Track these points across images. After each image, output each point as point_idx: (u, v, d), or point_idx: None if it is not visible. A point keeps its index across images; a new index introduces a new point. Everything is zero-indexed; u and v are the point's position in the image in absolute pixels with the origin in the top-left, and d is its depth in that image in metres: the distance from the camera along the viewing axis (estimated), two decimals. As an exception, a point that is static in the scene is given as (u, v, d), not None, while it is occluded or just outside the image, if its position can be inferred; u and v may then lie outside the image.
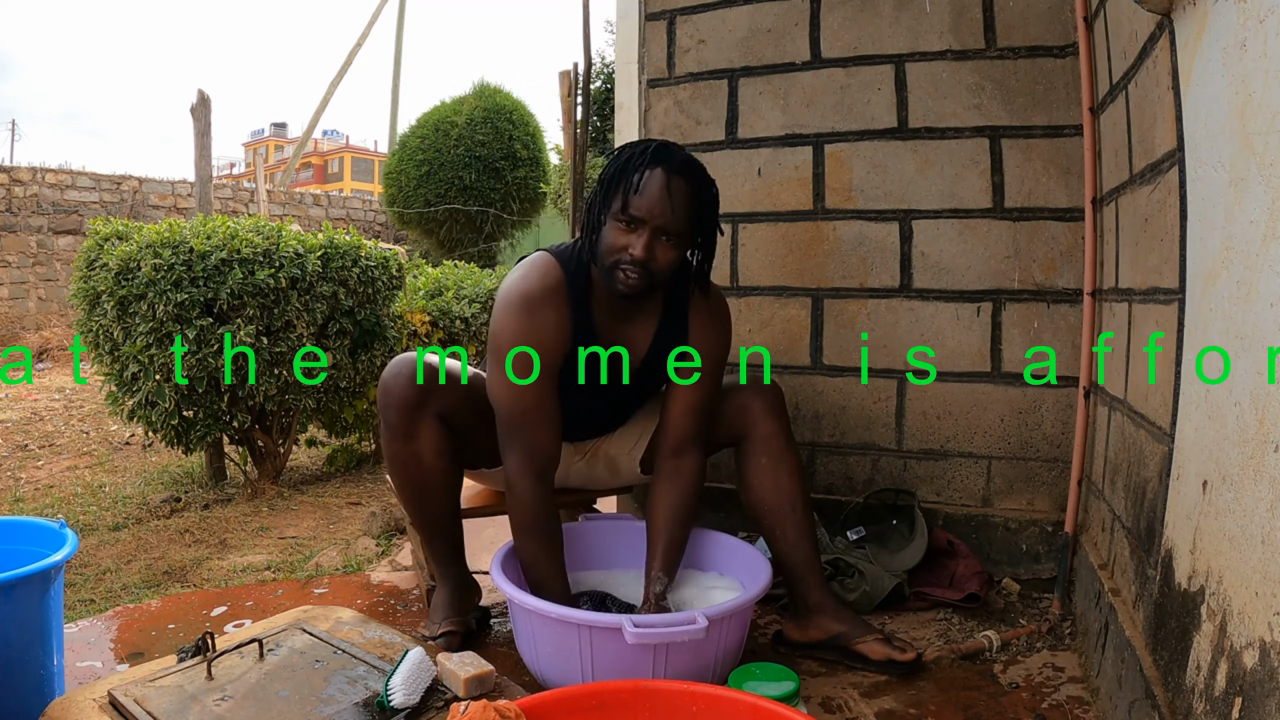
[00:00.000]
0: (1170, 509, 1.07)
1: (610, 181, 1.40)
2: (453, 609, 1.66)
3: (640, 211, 1.36)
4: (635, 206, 1.37)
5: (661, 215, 1.36)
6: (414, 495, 1.60)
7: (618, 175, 1.39)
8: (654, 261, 1.39)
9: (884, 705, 1.43)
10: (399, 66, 14.61)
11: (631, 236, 1.38)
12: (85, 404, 5.20)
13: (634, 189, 1.37)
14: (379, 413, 1.57)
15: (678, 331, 1.56)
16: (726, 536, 1.69)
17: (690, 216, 1.40)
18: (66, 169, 8.97)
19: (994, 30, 1.94)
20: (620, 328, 1.54)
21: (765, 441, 1.61)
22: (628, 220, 1.38)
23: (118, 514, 2.82)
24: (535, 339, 1.45)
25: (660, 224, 1.37)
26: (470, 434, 1.60)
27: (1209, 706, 0.85)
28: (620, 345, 1.55)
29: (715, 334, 1.57)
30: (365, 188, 35.88)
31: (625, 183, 1.38)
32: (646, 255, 1.37)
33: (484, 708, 0.96)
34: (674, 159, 1.39)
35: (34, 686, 1.32)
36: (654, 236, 1.38)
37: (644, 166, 1.37)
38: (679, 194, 1.37)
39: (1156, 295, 1.23)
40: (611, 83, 6.13)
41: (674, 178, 1.37)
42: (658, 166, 1.37)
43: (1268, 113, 0.79)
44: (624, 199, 1.37)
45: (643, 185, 1.36)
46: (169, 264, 2.60)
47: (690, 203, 1.39)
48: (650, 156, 1.38)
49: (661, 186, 1.36)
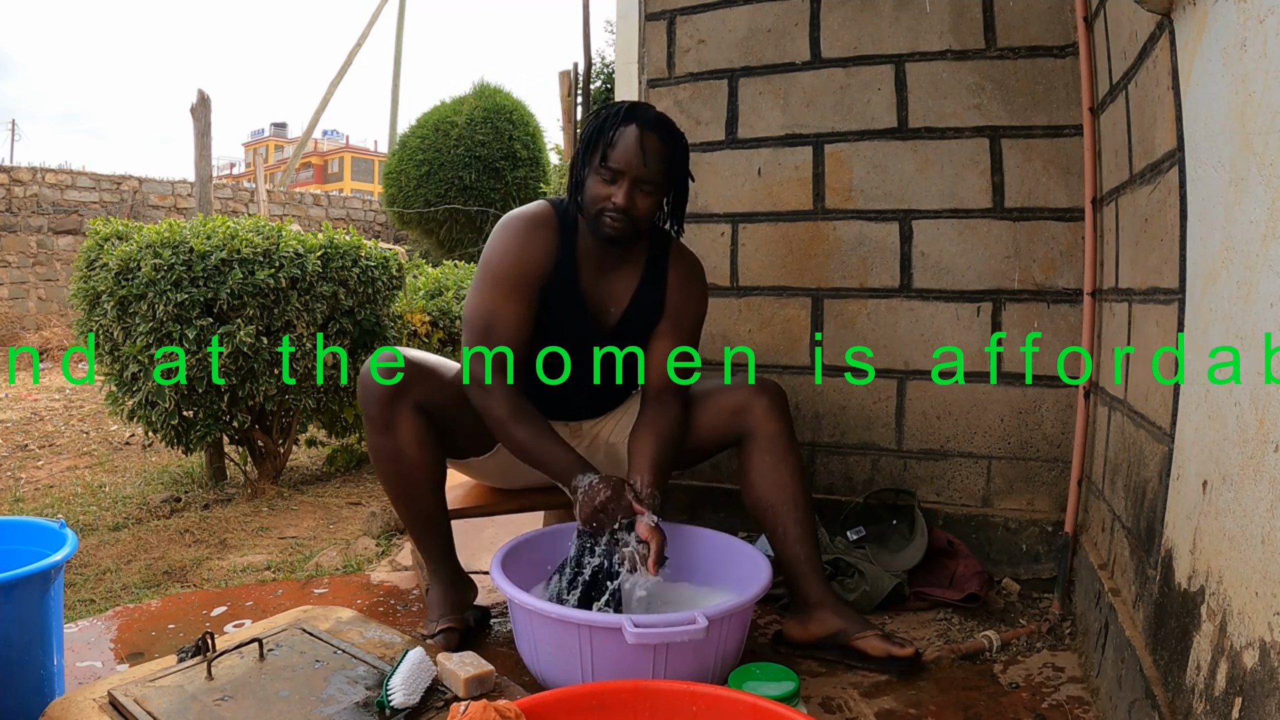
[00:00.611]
0: (1170, 509, 1.07)
1: (590, 139, 1.52)
2: (449, 605, 1.67)
3: (618, 164, 1.48)
4: (613, 159, 1.48)
5: (638, 166, 1.48)
6: (398, 488, 1.62)
7: (596, 133, 1.51)
8: (634, 209, 1.50)
9: (884, 705, 1.43)
10: (399, 66, 14.61)
11: (613, 187, 1.50)
12: (85, 404, 5.21)
13: (611, 144, 1.49)
14: (359, 407, 1.60)
15: (657, 290, 1.66)
16: (726, 536, 1.69)
17: (664, 167, 1.52)
18: (66, 169, 8.96)
19: (994, 30, 1.94)
20: (602, 281, 1.63)
21: (768, 441, 1.61)
22: (608, 173, 1.49)
23: (118, 514, 2.82)
24: (521, 255, 1.56)
25: (637, 174, 1.48)
26: (452, 424, 1.62)
27: (1209, 706, 0.85)
28: (604, 293, 1.64)
29: (693, 291, 1.68)
30: (365, 188, 35.88)
31: (603, 139, 1.50)
32: (628, 203, 1.49)
33: (484, 708, 0.96)
34: (646, 116, 1.51)
35: (34, 686, 1.32)
36: (633, 186, 1.49)
37: (619, 124, 1.49)
38: (652, 147, 1.49)
39: (1156, 295, 1.23)
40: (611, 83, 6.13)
41: (647, 132, 1.49)
42: (631, 123, 1.49)
43: (1268, 113, 0.79)
44: (603, 153, 1.49)
45: (619, 140, 1.48)
46: (169, 264, 2.60)
47: (663, 154, 1.51)
48: (624, 114, 1.50)
49: (636, 140, 1.48)
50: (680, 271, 1.67)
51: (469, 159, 9.53)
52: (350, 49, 13.54)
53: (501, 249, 1.57)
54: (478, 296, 1.57)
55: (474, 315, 1.57)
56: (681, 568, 1.68)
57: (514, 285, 1.56)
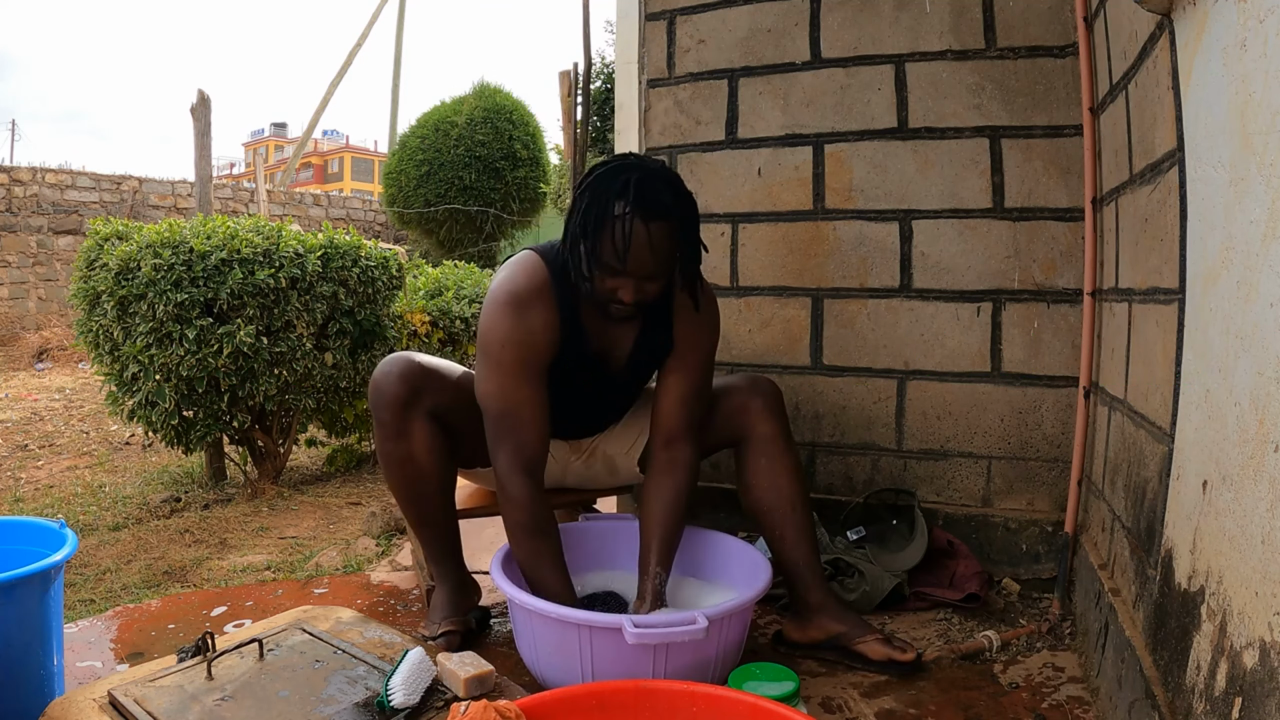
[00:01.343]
0: (1170, 509, 1.07)
1: (587, 228, 1.37)
2: (452, 608, 1.66)
3: (625, 266, 1.36)
4: (617, 261, 1.36)
5: (646, 267, 1.37)
6: (409, 494, 1.61)
7: (595, 223, 1.36)
8: (644, 298, 1.42)
9: (884, 705, 1.43)
10: (399, 66, 14.61)
11: (619, 281, 1.39)
12: (85, 404, 5.21)
13: (617, 246, 1.35)
14: (371, 412, 1.58)
15: (666, 324, 1.57)
16: (726, 537, 1.69)
17: (673, 254, 1.40)
18: (66, 169, 8.97)
19: (994, 30, 1.94)
20: (608, 325, 1.54)
21: (764, 442, 1.61)
22: (613, 270, 1.38)
23: (118, 514, 2.83)
24: (524, 337, 1.46)
25: (646, 272, 1.38)
26: (463, 432, 1.61)
27: (1209, 706, 0.85)
28: (609, 341, 1.56)
29: (702, 324, 1.58)
30: (365, 188, 35.89)
31: (608, 233, 1.35)
32: (636, 298, 1.40)
33: (484, 708, 0.96)
34: (653, 204, 1.35)
35: (34, 686, 1.32)
36: (640, 281, 1.39)
37: (623, 215, 1.33)
38: (660, 240, 1.36)
39: (1156, 295, 1.23)
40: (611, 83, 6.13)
41: (654, 225, 1.35)
42: (636, 215, 1.33)
43: (1268, 113, 0.79)
44: (610, 252, 1.36)
45: (626, 242, 1.34)
46: (169, 264, 2.60)
47: (672, 242, 1.39)
48: (631, 205, 1.33)
49: (644, 243, 1.34)
50: (687, 304, 1.56)
51: (469, 159, 9.54)
52: (350, 49, 13.54)
53: (502, 334, 1.45)
54: (488, 386, 1.47)
55: (488, 406, 1.48)
56: (682, 567, 1.68)
57: (522, 370, 1.46)
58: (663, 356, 1.59)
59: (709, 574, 1.68)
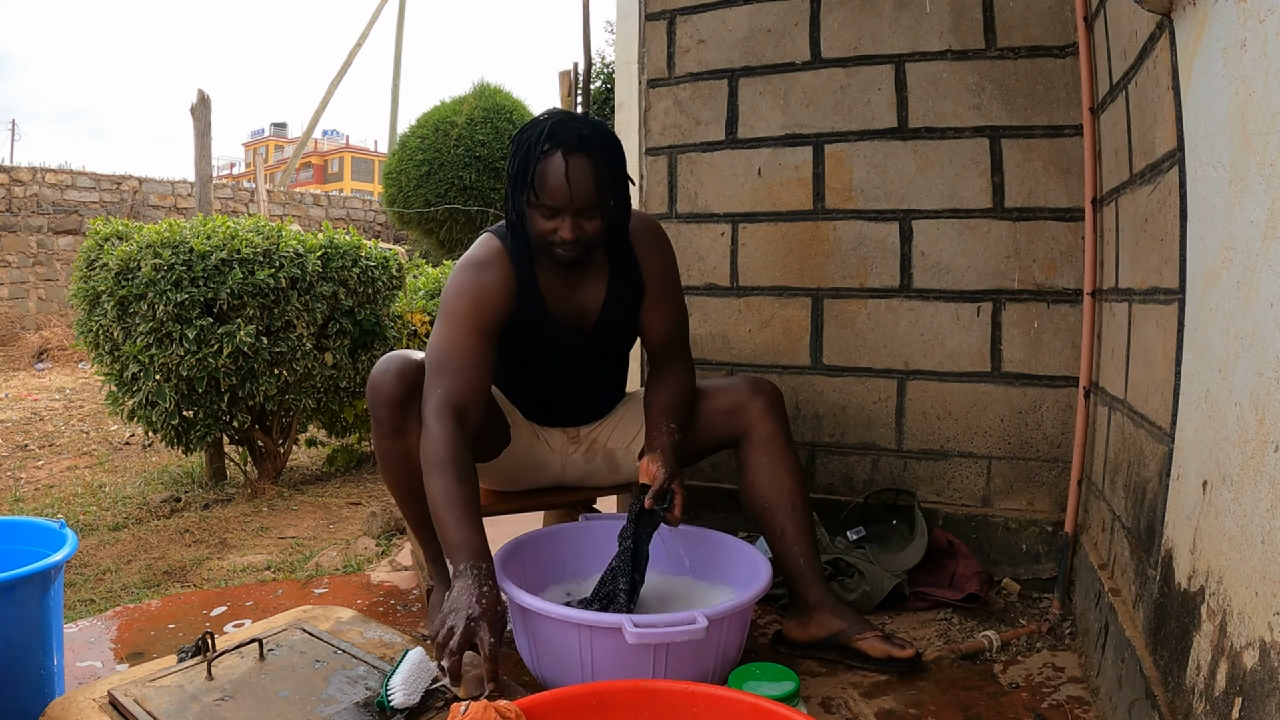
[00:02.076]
0: (1170, 509, 1.07)
1: (517, 176, 1.45)
2: (451, 608, 1.66)
3: (553, 200, 1.42)
4: (546, 197, 1.42)
5: (572, 199, 1.42)
6: (406, 492, 1.61)
7: (521, 167, 1.44)
8: (582, 235, 1.46)
9: (884, 705, 1.43)
10: (399, 66, 14.61)
11: (555, 221, 1.45)
12: (85, 404, 5.21)
13: (541, 179, 1.42)
14: (369, 410, 1.59)
15: (629, 280, 1.63)
16: (726, 536, 1.69)
17: (599, 188, 1.44)
18: (66, 169, 8.97)
19: (994, 30, 1.94)
20: (570, 293, 1.60)
21: (765, 442, 1.61)
22: (545, 209, 1.44)
23: (118, 514, 2.83)
24: (474, 293, 1.52)
25: (575, 206, 1.43)
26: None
27: (1209, 706, 0.85)
28: (574, 304, 1.61)
29: (660, 256, 1.65)
30: (365, 188, 35.87)
31: (532, 173, 1.42)
32: (575, 234, 1.44)
33: (484, 708, 0.96)
34: (568, 138, 1.41)
35: (34, 686, 1.32)
36: (575, 216, 1.44)
37: (543, 155, 1.42)
38: (582, 174, 1.41)
39: (1156, 295, 1.23)
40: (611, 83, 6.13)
41: (572, 159, 1.41)
42: (556, 150, 1.41)
43: (1268, 113, 0.79)
44: (534, 191, 1.43)
45: (547, 175, 1.41)
46: (169, 264, 2.60)
47: (595, 176, 1.43)
48: (545, 140, 1.41)
49: (562, 174, 1.40)
50: (644, 245, 1.63)
51: (469, 159, 9.53)
52: (350, 49, 13.55)
53: (457, 289, 1.53)
54: (435, 336, 1.52)
55: (430, 353, 1.51)
56: (682, 567, 1.68)
57: (470, 322, 1.50)
58: (637, 301, 1.64)
59: (709, 574, 1.68)
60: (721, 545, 1.68)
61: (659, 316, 1.66)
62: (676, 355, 1.69)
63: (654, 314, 1.66)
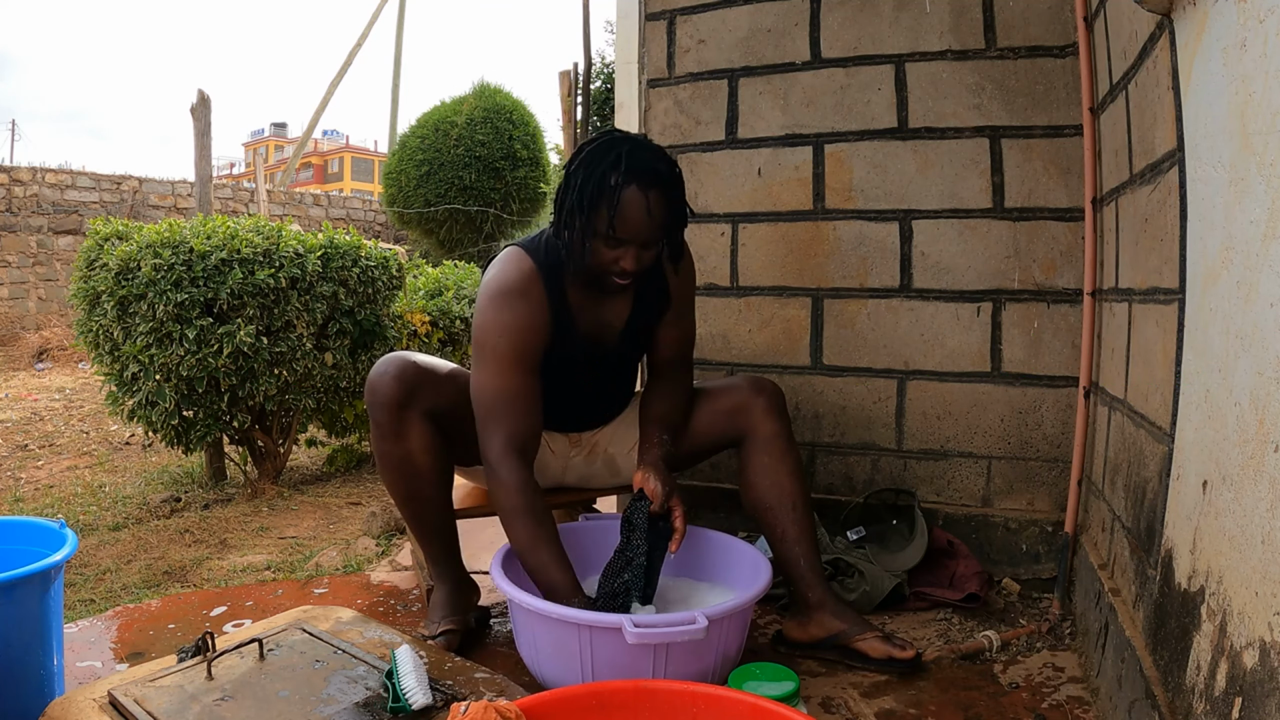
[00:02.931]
0: (1170, 509, 1.07)
1: (586, 204, 1.42)
2: (451, 608, 1.67)
3: (626, 234, 1.42)
4: (620, 230, 1.41)
5: (645, 233, 1.43)
6: (406, 494, 1.61)
7: (595, 195, 1.41)
8: (642, 266, 1.48)
9: (884, 705, 1.43)
10: (399, 66, 14.61)
11: (619, 251, 1.45)
12: (85, 404, 5.21)
13: (615, 213, 1.40)
14: (368, 412, 1.58)
15: (656, 300, 1.65)
16: (726, 536, 1.69)
17: (668, 221, 1.46)
18: (66, 169, 8.97)
19: (994, 30, 1.94)
20: (596, 308, 1.61)
21: (766, 442, 1.61)
22: (614, 241, 1.43)
23: (118, 514, 2.83)
24: (516, 327, 1.50)
25: (641, 239, 1.44)
26: (459, 430, 1.61)
27: (1209, 706, 0.85)
28: (600, 320, 1.62)
29: (688, 281, 1.71)
30: (365, 188, 35.87)
31: (606, 204, 1.40)
32: (637, 266, 1.46)
33: (484, 708, 0.96)
34: (646, 171, 1.40)
35: (34, 686, 1.32)
36: (640, 249, 1.45)
37: (620, 185, 1.39)
38: (657, 208, 1.42)
39: (1156, 295, 1.23)
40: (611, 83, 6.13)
41: (651, 193, 1.41)
42: (633, 183, 1.39)
43: (1268, 113, 0.79)
44: (608, 222, 1.41)
45: (624, 208, 1.40)
46: (169, 264, 2.60)
47: (667, 209, 1.45)
48: (624, 174, 1.39)
49: (642, 209, 1.40)
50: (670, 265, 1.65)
51: (469, 159, 9.53)
52: (350, 49, 13.55)
53: (497, 327, 1.50)
54: (481, 377, 1.51)
55: (481, 396, 1.50)
56: (682, 567, 1.68)
57: (516, 360, 1.50)
58: (660, 319, 1.67)
59: (709, 574, 1.68)
60: (721, 545, 1.69)
61: (673, 333, 1.69)
62: (680, 368, 1.71)
63: (670, 330, 1.69)
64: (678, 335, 1.70)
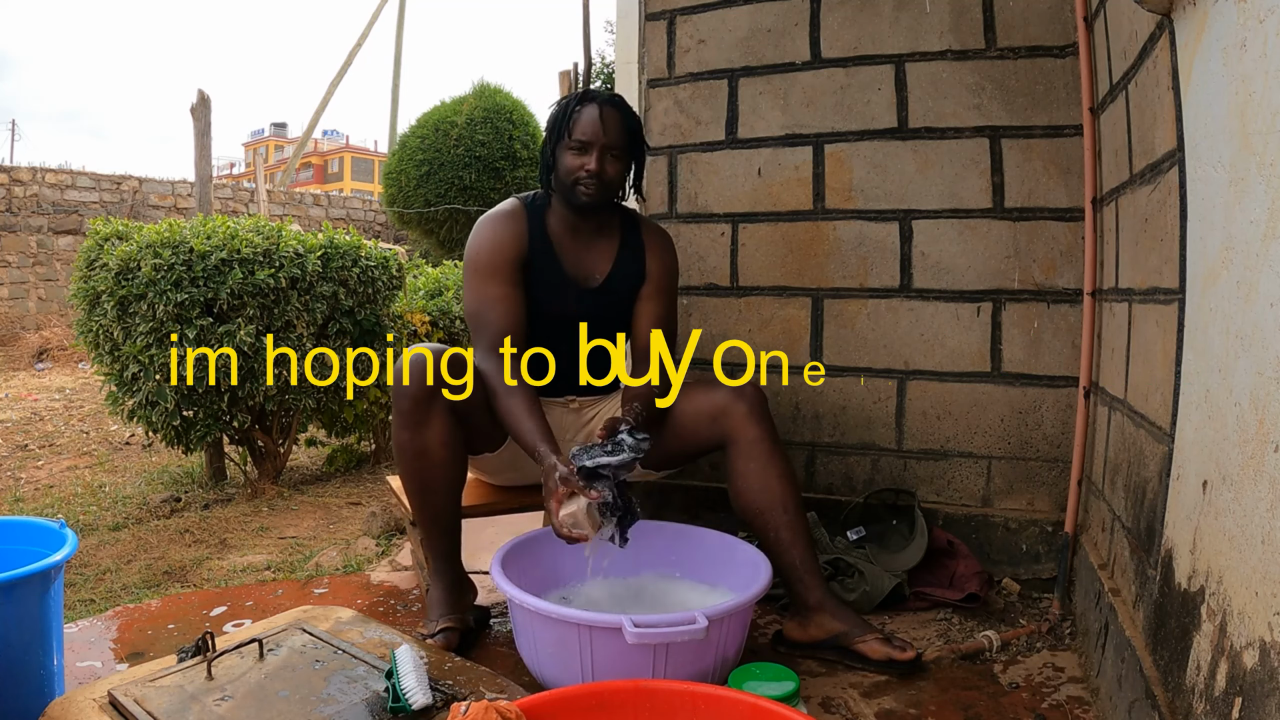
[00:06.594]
0: (1170, 509, 1.07)
1: (556, 121, 1.70)
2: (448, 606, 1.67)
3: (585, 135, 1.65)
4: (580, 132, 1.66)
5: (603, 135, 1.65)
6: (418, 485, 1.62)
7: (560, 115, 1.70)
8: (605, 173, 1.67)
9: (884, 705, 1.43)
10: (399, 66, 14.61)
11: (583, 157, 1.66)
12: (85, 404, 5.21)
13: (576, 121, 1.66)
14: (391, 400, 1.61)
15: (637, 259, 1.80)
16: (726, 536, 1.69)
17: (625, 135, 1.69)
18: (66, 169, 8.97)
19: (994, 30, 1.94)
20: (582, 252, 1.78)
21: (750, 446, 1.61)
22: (577, 145, 1.66)
23: (118, 514, 2.83)
24: (494, 244, 1.71)
25: (604, 142, 1.65)
26: (470, 421, 1.64)
27: (1209, 706, 0.85)
28: (586, 263, 1.78)
29: (667, 257, 1.84)
30: (365, 188, 35.85)
31: (568, 118, 1.67)
32: (599, 168, 1.65)
33: (484, 708, 0.96)
34: (599, 94, 1.70)
35: (34, 686, 1.32)
36: (601, 153, 1.65)
37: (579, 104, 1.68)
38: (612, 119, 1.67)
39: (1156, 295, 1.23)
40: (611, 83, 6.13)
41: (605, 107, 1.67)
42: (590, 102, 1.68)
43: (1268, 113, 0.79)
44: (570, 130, 1.67)
45: (582, 116, 1.67)
46: (169, 264, 2.60)
47: (622, 124, 1.69)
48: (580, 97, 1.69)
49: (597, 115, 1.66)
50: (654, 241, 1.83)
51: (469, 159, 9.52)
52: (350, 49, 13.55)
53: (476, 244, 1.73)
54: (467, 293, 1.73)
55: (468, 310, 1.71)
56: (682, 568, 1.68)
57: (494, 270, 1.69)
58: (637, 284, 1.80)
59: (709, 574, 1.68)
60: (722, 545, 1.69)
61: (652, 307, 1.80)
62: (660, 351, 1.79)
63: (648, 303, 1.81)
64: (654, 310, 1.79)
